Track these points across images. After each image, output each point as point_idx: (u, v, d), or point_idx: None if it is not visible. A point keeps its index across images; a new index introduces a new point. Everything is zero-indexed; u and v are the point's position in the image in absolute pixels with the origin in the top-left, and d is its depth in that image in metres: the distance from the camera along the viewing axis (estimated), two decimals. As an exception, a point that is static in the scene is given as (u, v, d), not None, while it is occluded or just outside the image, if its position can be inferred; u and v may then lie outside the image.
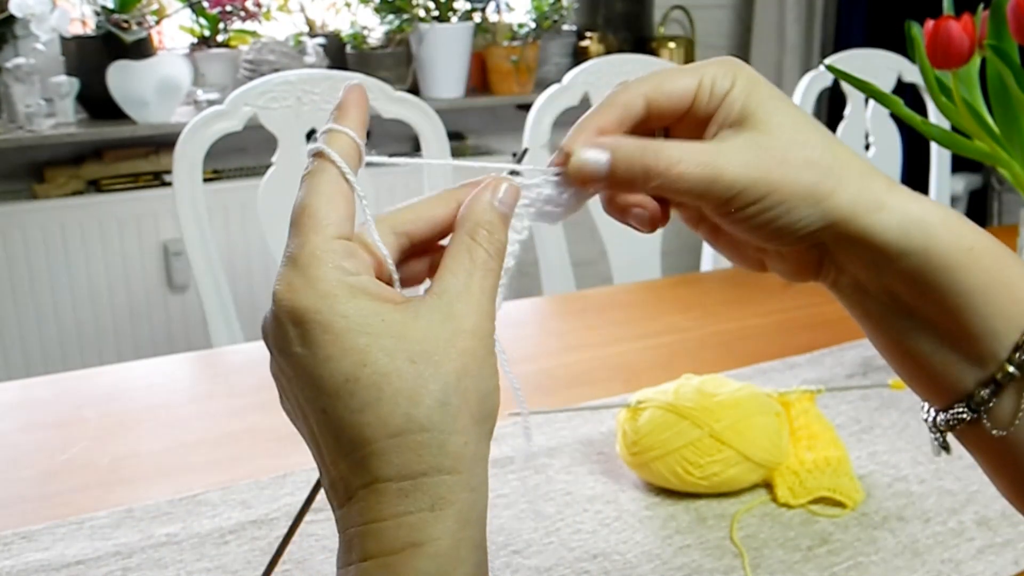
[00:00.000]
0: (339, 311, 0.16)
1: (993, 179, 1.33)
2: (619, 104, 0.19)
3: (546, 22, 1.22)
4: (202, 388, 0.47)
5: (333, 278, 0.16)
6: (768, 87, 0.19)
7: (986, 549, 0.30)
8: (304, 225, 0.16)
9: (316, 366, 0.16)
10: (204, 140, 0.64)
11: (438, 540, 0.15)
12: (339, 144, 0.17)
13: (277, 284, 0.16)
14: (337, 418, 0.15)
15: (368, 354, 0.15)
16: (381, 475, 0.15)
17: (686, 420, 0.32)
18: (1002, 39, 0.35)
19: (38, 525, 0.32)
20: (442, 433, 0.16)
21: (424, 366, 0.16)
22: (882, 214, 0.18)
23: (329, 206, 0.17)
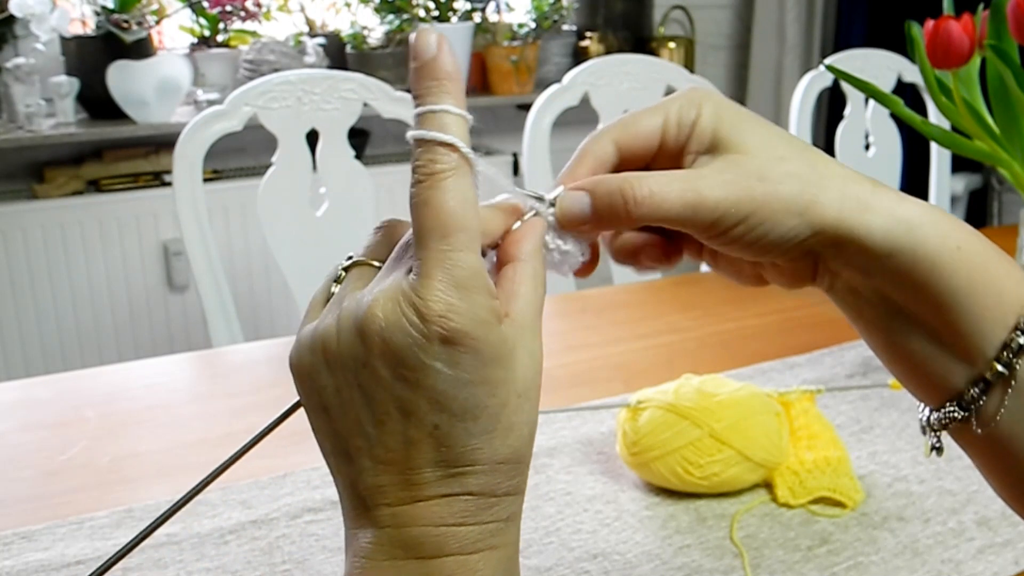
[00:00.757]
0: (490, 340, 0.16)
1: (993, 179, 1.33)
2: (590, 154, 0.19)
3: (546, 22, 1.22)
4: (202, 388, 0.47)
5: (487, 305, 0.16)
6: (735, 110, 0.19)
7: (986, 549, 0.30)
8: (459, 238, 0.16)
9: (452, 387, 0.16)
10: (204, 140, 0.63)
11: (509, 546, 0.17)
12: (459, 130, 0.16)
13: (435, 298, 0.15)
14: (451, 437, 0.16)
15: (499, 387, 0.16)
16: (474, 489, 0.17)
17: (686, 420, 0.32)
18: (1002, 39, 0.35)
19: (38, 525, 0.32)
20: (526, 464, 0.17)
21: (526, 402, 0.17)
22: (867, 216, 0.18)
23: (475, 218, 0.16)
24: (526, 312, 0.17)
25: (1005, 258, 0.18)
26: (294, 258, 0.67)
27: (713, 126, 0.18)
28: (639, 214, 0.18)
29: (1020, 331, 0.17)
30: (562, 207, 0.19)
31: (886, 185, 0.18)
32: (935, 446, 0.19)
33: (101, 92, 1.03)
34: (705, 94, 0.19)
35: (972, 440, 0.19)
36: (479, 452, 0.16)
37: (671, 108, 0.19)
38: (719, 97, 0.19)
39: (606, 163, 0.19)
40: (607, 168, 0.19)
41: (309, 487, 0.35)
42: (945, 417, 0.19)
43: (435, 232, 0.16)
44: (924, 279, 0.17)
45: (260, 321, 1.13)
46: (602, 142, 0.19)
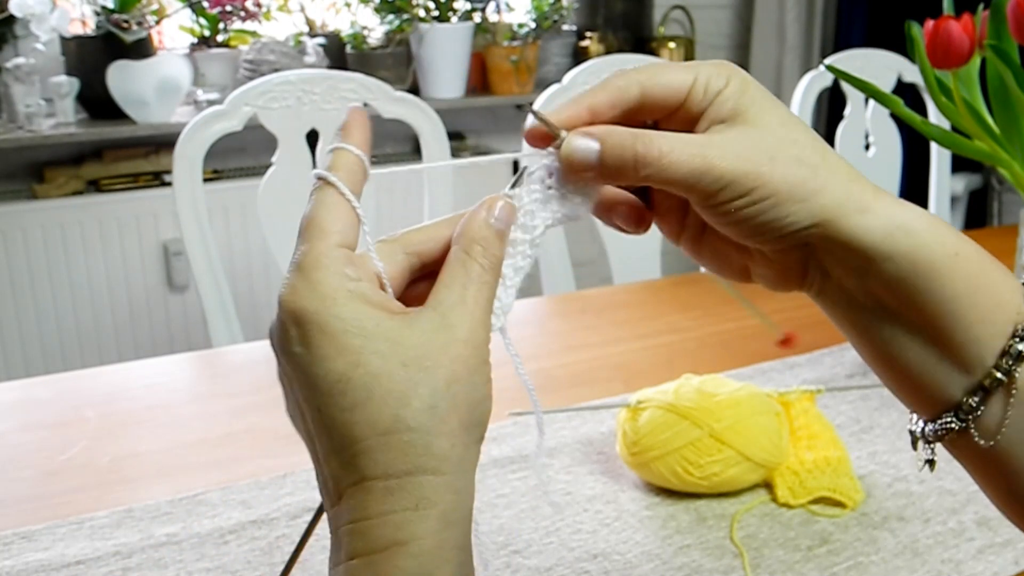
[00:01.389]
0: (336, 313, 0.16)
1: (993, 179, 1.33)
2: (614, 87, 0.19)
3: (546, 22, 1.21)
4: (202, 388, 0.47)
5: (333, 282, 0.17)
6: (760, 88, 0.19)
7: (986, 549, 0.30)
8: (309, 234, 0.17)
9: (312, 364, 0.16)
10: (204, 140, 0.64)
11: (421, 539, 0.16)
12: (344, 161, 0.18)
13: (282, 288, 0.17)
14: (329, 416, 0.16)
15: (361, 355, 0.16)
16: (368, 473, 0.16)
17: (686, 420, 0.32)
18: (1002, 39, 0.35)
19: (38, 525, 0.32)
20: (428, 435, 0.16)
21: (415, 371, 0.16)
22: (868, 216, 0.18)
23: (333, 216, 0.18)
24: (442, 294, 0.17)
25: (1000, 266, 0.18)
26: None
27: (736, 99, 0.18)
28: (645, 173, 0.18)
29: (1019, 338, 0.17)
30: (568, 151, 0.18)
31: (887, 192, 0.18)
32: (928, 459, 0.19)
33: (101, 92, 1.02)
34: (735, 68, 0.19)
35: (967, 451, 0.18)
36: (357, 426, 0.16)
37: (701, 71, 0.18)
38: (746, 75, 0.19)
39: (627, 101, 0.19)
40: (626, 109, 0.19)
41: (309, 487, 0.35)
42: (941, 428, 0.18)
43: (300, 236, 0.18)
44: (921, 285, 0.17)
45: (260, 321, 1.13)
46: (630, 81, 0.19)
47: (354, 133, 0.19)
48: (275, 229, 0.66)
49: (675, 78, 0.19)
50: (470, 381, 0.17)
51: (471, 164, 0.21)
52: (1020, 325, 0.17)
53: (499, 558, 0.30)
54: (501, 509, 0.32)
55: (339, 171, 0.18)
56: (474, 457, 0.17)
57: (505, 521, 0.32)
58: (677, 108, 0.19)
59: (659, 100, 0.19)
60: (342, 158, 0.19)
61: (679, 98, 0.19)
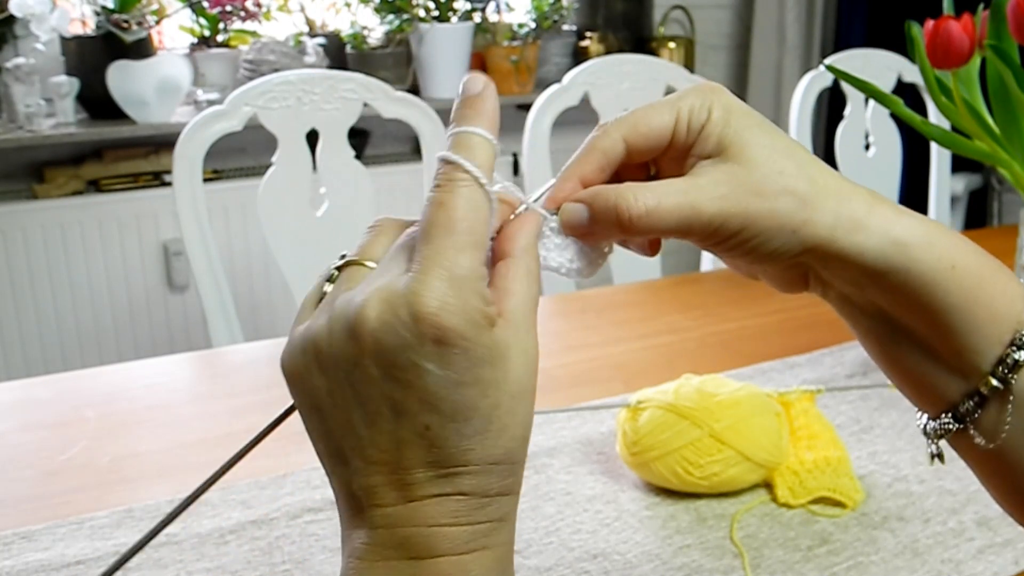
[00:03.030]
0: (483, 342, 0.16)
1: (993, 179, 1.32)
2: (598, 150, 0.19)
3: (546, 22, 1.21)
4: (202, 388, 0.47)
5: (480, 307, 0.16)
6: (744, 114, 0.19)
7: (986, 549, 0.30)
8: (461, 240, 0.16)
9: (444, 387, 0.16)
10: (204, 140, 0.63)
11: (503, 546, 0.17)
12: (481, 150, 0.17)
13: (430, 295, 0.16)
14: (442, 437, 0.16)
15: (491, 387, 0.16)
16: (467, 490, 0.17)
17: (686, 420, 0.32)
18: (1002, 39, 0.35)
19: (38, 525, 0.32)
20: (520, 464, 0.17)
21: (519, 403, 0.17)
22: (861, 235, 0.18)
23: (476, 215, 0.17)
24: (519, 310, 0.17)
25: (1002, 273, 0.18)
26: (294, 258, 0.67)
27: (719, 131, 0.18)
28: (636, 230, 0.18)
29: (1016, 347, 0.17)
30: (563, 217, 0.19)
31: (885, 199, 0.18)
32: (935, 454, 0.19)
33: (101, 92, 1.02)
34: (716, 94, 0.19)
35: (969, 449, 0.19)
36: (471, 453, 0.16)
37: (683, 107, 0.19)
38: (728, 99, 0.19)
39: (614, 161, 0.19)
40: (614, 165, 0.19)
41: (309, 487, 0.35)
42: (941, 428, 0.19)
43: (442, 229, 0.16)
44: (918, 297, 0.18)
45: (260, 321, 1.13)
46: (612, 138, 0.19)
47: (487, 111, 0.17)
48: (275, 229, 0.66)
49: (656, 122, 0.19)
50: (534, 401, 0.17)
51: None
52: (1018, 334, 0.18)
53: (499, 558, 0.30)
54: (501, 509, 0.33)
55: (477, 161, 0.17)
56: None
57: (505, 521, 0.32)
58: (667, 148, 0.19)
59: (645, 148, 0.19)
60: (476, 145, 0.17)
61: (664, 141, 0.19)
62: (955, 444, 0.19)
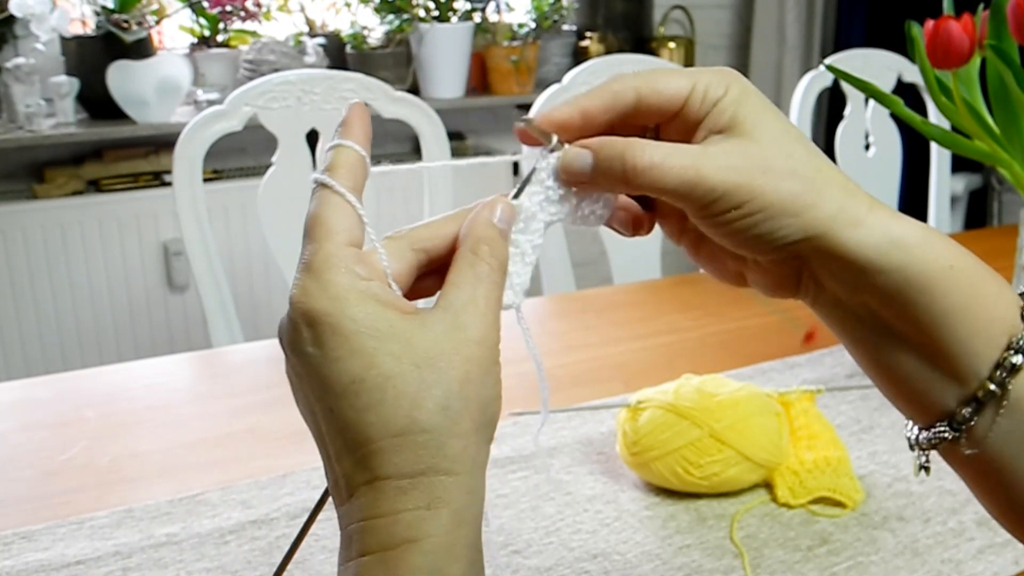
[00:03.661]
0: (349, 314, 0.16)
1: (993, 179, 1.32)
2: (609, 91, 0.19)
3: (546, 22, 1.21)
4: (202, 388, 0.47)
5: (345, 283, 0.17)
6: (760, 98, 0.19)
7: (986, 549, 0.30)
8: (317, 233, 0.17)
9: (325, 366, 0.16)
10: (204, 140, 0.63)
11: (433, 537, 0.16)
12: (344, 159, 0.18)
13: (293, 288, 0.17)
14: (343, 417, 0.16)
15: (375, 357, 0.16)
16: (381, 473, 0.16)
17: (686, 420, 0.32)
18: (1002, 39, 0.35)
19: (38, 525, 0.32)
20: (442, 435, 0.16)
21: (428, 371, 0.16)
22: (860, 231, 0.18)
23: (339, 215, 0.18)
24: (452, 295, 0.17)
25: (996, 278, 0.18)
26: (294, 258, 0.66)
27: (734, 108, 0.18)
28: (637, 182, 0.18)
29: (1013, 350, 0.17)
30: (564, 161, 0.19)
31: (883, 204, 0.18)
32: (923, 465, 0.19)
33: (101, 92, 1.02)
34: (735, 76, 0.19)
35: (961, 459, 0.18)
36: (372, 427, 0.16)
37: (700, 79, 0.19)
38: (746, 82, 0.19)
39: (622, 106, 0.19)
40: (620, 113, 0.19)
41: (309, 487, 0.35)
42: (935, 437, 0.18)
43: (307, 236, 0.18)
44: (914, 298, 0.17)
45: (260, 321, 1.13)
46: (626, 86, 0.19)
47: (354, 129, 0.19)
48: (275, 229, 0.66)
49: (673, 84, 0.19)
50: (482, 381, 0.17)
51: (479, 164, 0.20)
52: (1015, 337, 0.17)
53: (499, 558, 0.30)
54: (501, 509, 0.32)
55: (339, 170, 0.18)
56: (485, 457, 0.17)
57: (505, 521, 0.32)
58: (675, 115, 0.19)
59: (655, 106, 0.19)
60: (342, 156, 0.18)
61: (676, 105, 0.19)
62: (946, 454, 0.19)
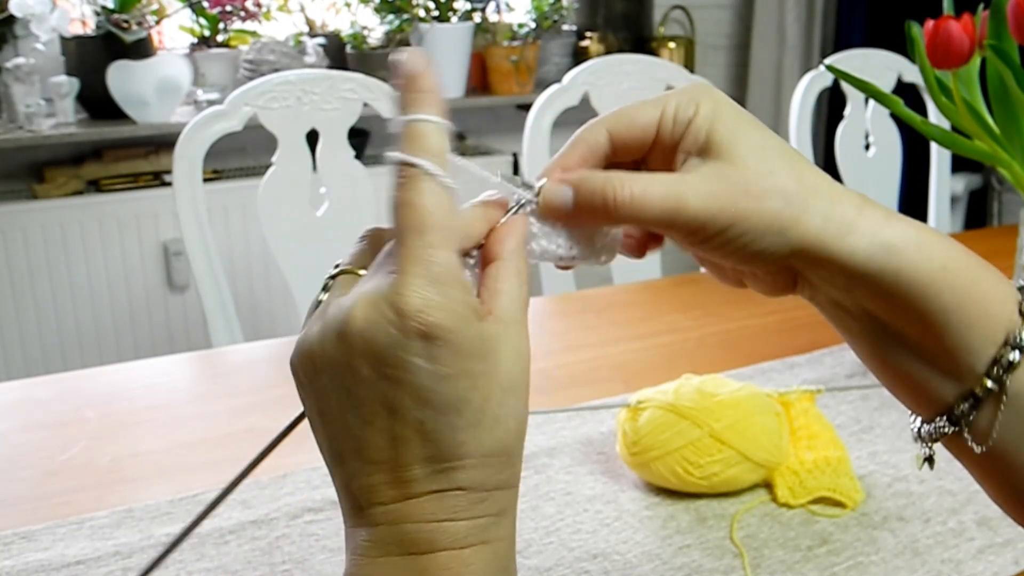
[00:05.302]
0: (467, 334, 0.16)
1: (993, 179, 1.32)
2: (583, 142, 0.19)
3: (546, 22, 1.21)
4: (202, 388, 0.46)
5: (464, 299, 0.16)
6: (734, 112, 0.19)
7: (986, 549, 0.30)
8: (434, 236, 0.16)
9: (433, 381, 0.16)
10: (204, 140, 0.63)
11: (502, 540, 0.17)
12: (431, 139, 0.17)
13: (412, 294, 0.16)
14: (436, 431, 0.16)
15: (480, 379, 0.16)
16: (463, 484, 0.17)
17: (686, 420, 0.32)
18: (1002, 39, 0.35)
19: (38, 525, 0.32)
20: (517, 457, 0.17)
21: (511, 396, 0.17)
22: (850, 238, 0.18)
23: (450, 216, 0.17)
24: (508, 308, 0.17)
25: (992, 273, 0.18)
26: (294, 258, 0.67)
27: (708, 127, 0.18)
28: (619, 215, 0.18)
29: (1009, 347, 0.17)
30: (544, 198, 0.19)
31: (875, 204, 0.18)
32: (927, 457, 0.19)
33: (101, 92, 1.02)
34: (705, 91, 0.19)
35: (965, 451, 0.19)
36: (465, 446, 0.16)
37: (669, 103, 0.19)
38: (718, 96, 0.19)
39: (598, 153, 0.19)
40: (599, 158, 0.19)
41: (309, 487, 0.35)
42: (935, 431, 0.19)
43: (413, 230, 0.16)
44: (908, 299, 0.17)
45: (260, 321, 1.13)
46: (596, 131, 0.19)
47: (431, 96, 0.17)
48: (275, 229, 0.66)
49: (641, 117, 0.19)
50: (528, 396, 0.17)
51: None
52: (1011, 334, 0.17)
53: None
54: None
55: (428, 153, 0.17)
56: None
57: (505, 521, 0.32)
58: (652, 145, 0.19)
59: (630, 141, 0.19)
60: (428, 134, 0.17)
61: (649, 136, 0.19)
62: (950, 446, 0.19)
